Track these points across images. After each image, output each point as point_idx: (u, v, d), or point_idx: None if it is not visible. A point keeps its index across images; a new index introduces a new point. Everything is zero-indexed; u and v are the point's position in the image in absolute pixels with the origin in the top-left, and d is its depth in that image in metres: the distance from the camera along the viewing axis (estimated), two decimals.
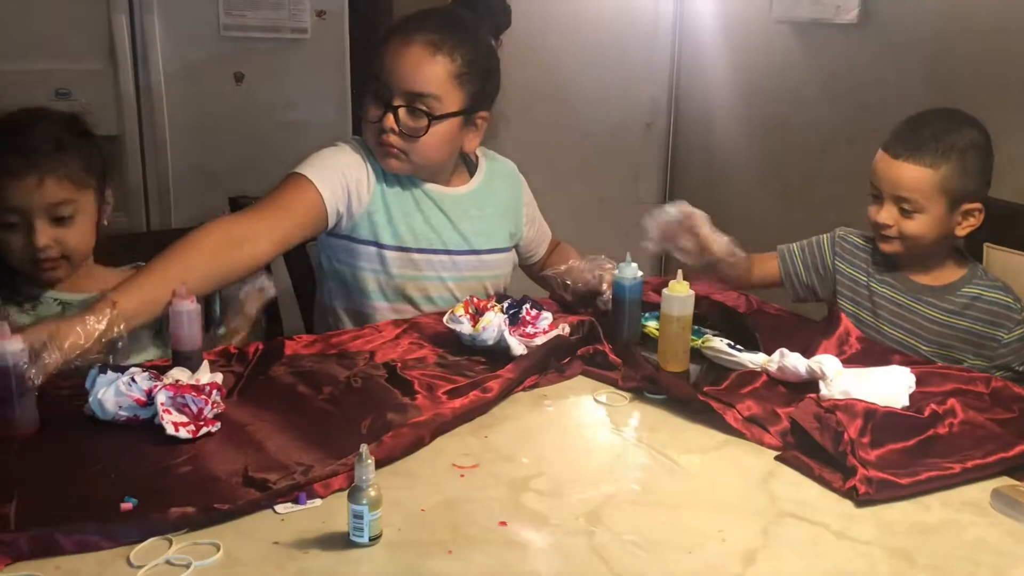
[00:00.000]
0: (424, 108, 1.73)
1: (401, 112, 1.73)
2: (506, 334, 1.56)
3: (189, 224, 1.78)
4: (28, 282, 1.62)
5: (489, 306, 1.60)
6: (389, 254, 1.79)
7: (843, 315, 1.69)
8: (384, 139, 1.75)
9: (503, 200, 1.95)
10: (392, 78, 1.74)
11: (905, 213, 1.73)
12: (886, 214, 1.75)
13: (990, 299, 1.75)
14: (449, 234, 1.84)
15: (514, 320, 1.61)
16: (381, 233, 1.79)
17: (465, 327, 1.58)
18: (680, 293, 1.52)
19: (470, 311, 1.60)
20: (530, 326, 1.61)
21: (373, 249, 1.79)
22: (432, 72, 1.73)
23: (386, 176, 1.81)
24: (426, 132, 1.74)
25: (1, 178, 1.56)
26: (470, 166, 1.93)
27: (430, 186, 1.84)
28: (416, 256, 1.81)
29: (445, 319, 1.62)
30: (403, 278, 1.82)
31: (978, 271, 1.80)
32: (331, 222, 1.75)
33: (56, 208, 1.57)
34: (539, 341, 1.57)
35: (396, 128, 1.74)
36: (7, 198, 1.56)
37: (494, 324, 1.56)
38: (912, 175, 1.71)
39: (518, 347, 1.56)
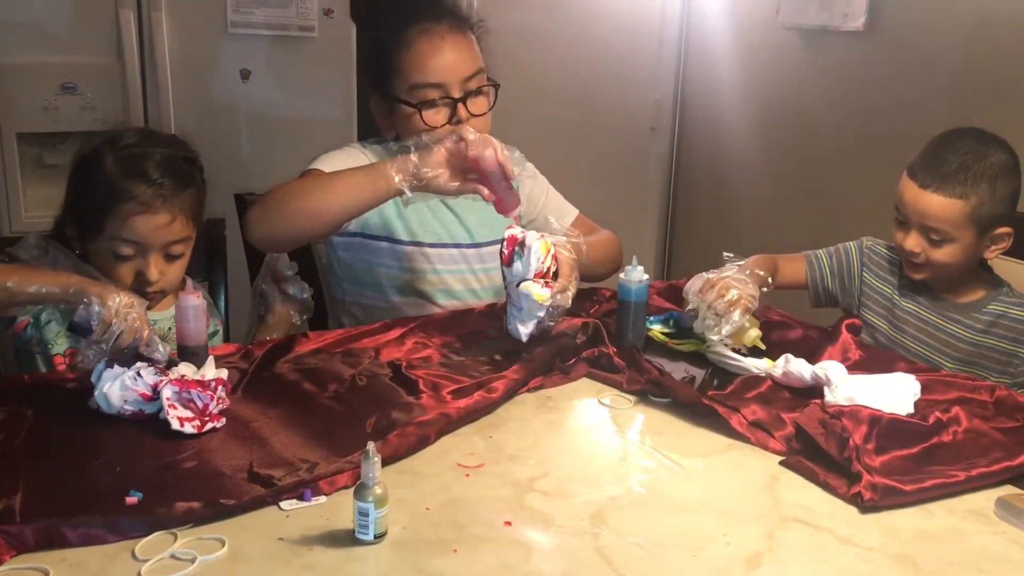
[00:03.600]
0: (483, 85, 1.78)
1: (468, 102, 1.77)
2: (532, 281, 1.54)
3: None
4: None
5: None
6: (403, 249, 1.80)
7: (845, 326, 1.67)
8: None
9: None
10: (445, 74, 1.75)
11: (934, 243, 1.69)
12: (913, 242, 1.71)
13: (1015, 316, 1.73)
14: (456, 228, 1.86)
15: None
16: (394, 228, 1.81)
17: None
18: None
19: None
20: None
21: (386, 245, 1.80)
22: (473, 49, 1.80)
23: None
24: (492, 105, 1.80)
25: (126, 206, 1.51)
26: None
27: None
28: (428, 251, 1.83)
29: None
30: (416, 272, 1.83)
31: (1003, 288, 1.77)
32: None
33: (173, 245, 1.56)
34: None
35: (470, 115, 1.77)
36: (132, 231, 1.52)
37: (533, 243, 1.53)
38: (941, 207, 1.66)
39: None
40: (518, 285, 1.53)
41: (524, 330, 1.56)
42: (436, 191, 1.54)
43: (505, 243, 1.55)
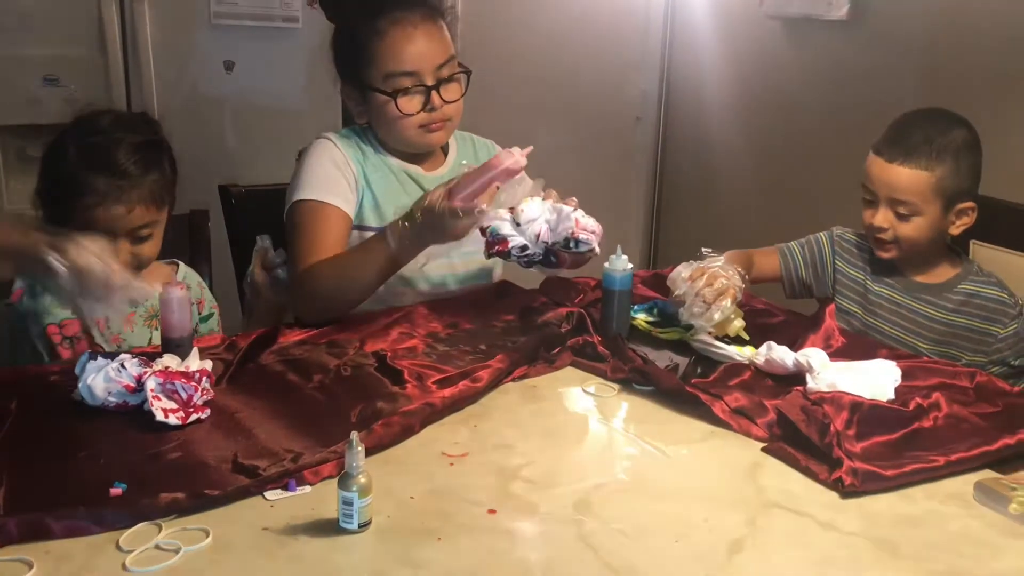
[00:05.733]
0: (455, 71, 1.81)
1: (441, 89, 1.78)
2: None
3: (179, 212, 1.78)
4: None
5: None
6: (371, 235, 1.80)
7: (829, 313, 1.69)
8: (436, 117, 1.80)
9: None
10: (418, 62, 1.76)
11: (901, 217, 1.73)
12: (881, 217, 1.75)
13: (986, 295, 1.76)
14: None
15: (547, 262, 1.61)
16: (366, 216, 1.81)
17: (504, 215, 1.55)
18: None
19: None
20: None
21: (356, 233, 1.80)
22: (445, 37, 1.82)
23: (365, 163, 1.83)
24: (464, 92, 1.82)
25: (86, 199, 1.52)
26: (444, 148, 1.94)
27: (411, 168, 1.87)
28: None
29: (484, 227, 1.58)
30: None
31: (972, 268, 1.81)
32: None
33: (139, 230, 1.57)
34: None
35: (444, 102, 1.79)
36: (92, 222, 1.53)
37: (535, 205, 1.54)
38: (908, 178, 1.71)
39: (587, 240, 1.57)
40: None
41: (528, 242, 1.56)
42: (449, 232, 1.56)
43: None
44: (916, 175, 1.71)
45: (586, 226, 1.57)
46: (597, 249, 1.60)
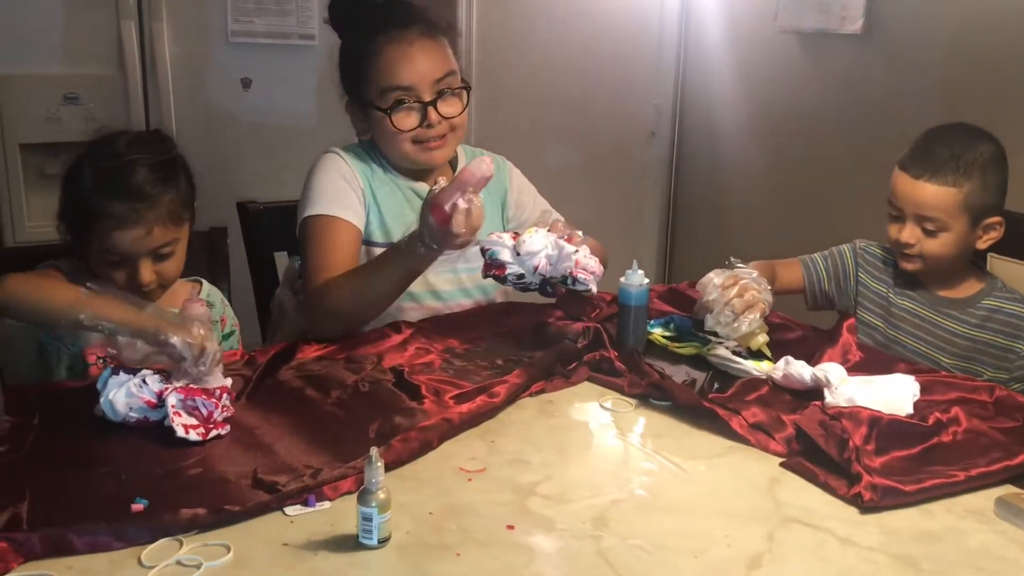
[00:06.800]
0: (455, 87, 1.81)
1: (439, 103, 1.79)
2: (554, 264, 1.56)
3: (198, 230, 1.79)
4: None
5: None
6: (378, 252, 1.81)
7: (846, 328, 1.69)
8: (433, 134, 1.80)
9: (488, 190, 1.95)
10: (413, 77, 1.77)
11: (928, 233, 1.73)
12: (908, 233, 1.74)
13: (1009, 311, 1.75)
14: None
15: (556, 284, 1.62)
16: (373, 232, 1.82)
17: (506, 242, 1.57)
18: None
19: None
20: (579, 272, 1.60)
21: (362, 249, 1.81)
22: (444, 52, 1.82)
23: (372, 178, 1.84)
24: (466, 106, 1.82)
25: (103, 223, 1.54)
26: (453, 163, 1.95)
27: (417, 184, 1.87)
28: None
29: (483, 246, 1.60)
30: None
31: (997, 284, 1.80)
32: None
33: (160, 249, 1.59)
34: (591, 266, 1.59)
35: (440, 118, 1.79)
36: (112, 245, 1.55)
37: (539, 239, 1.56)
38: (935, 195, 1.70)
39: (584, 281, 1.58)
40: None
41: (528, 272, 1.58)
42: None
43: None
44: (943, 192, 1.70)
45: (586, 266, 1.58)
46: (594, 290, 1.62)
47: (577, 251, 1.57)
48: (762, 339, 1.59)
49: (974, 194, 1.70)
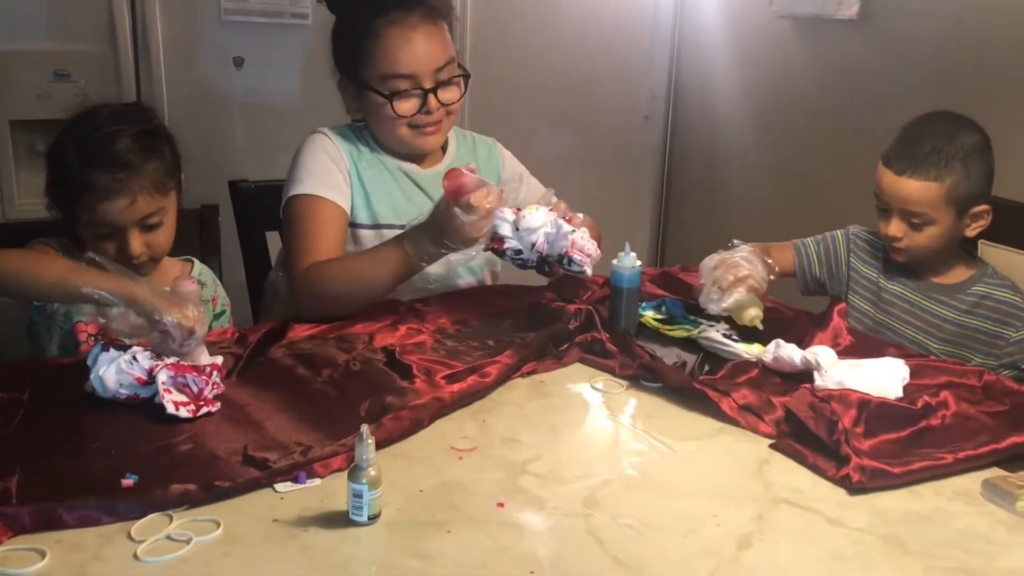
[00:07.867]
0: (455, 74, 1.80)
1: (439, 91, 1.78)
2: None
3: (188, 207, 1.79)
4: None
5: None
6: (362, 232, 1.80)
7: (837, 312, 1.69)
8: (430, 120, 1.79)
9: (481, 173, 1.95)
10: (416, 65, 1.76)
11: (915, 226, 1.73)
12: (895, 228, 1.74)
13: (999, 298, 1.76)
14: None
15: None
16: (357, 213, 1.81)
17: (507, 216, 1.56)
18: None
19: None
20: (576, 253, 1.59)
21: (359, 232, 1.80)
22: (445, 39, 1.80)
23: (360, 158, 1.83)
24: (463, 94, 1.81)
25: (88, 195, 1.54)
26: (443, 145, 1.94)
27: (407, 165, 1.87)
28: (399, 232, 1.82)
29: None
30: None
31: (987, 270, 1.80)
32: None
33: (147, 219, 1.58)
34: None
35: (440, 106, 1.79)
36: (98, 216, 1.55)
37: (539, 216, 1.55)
38: (918, 190, 1.70)
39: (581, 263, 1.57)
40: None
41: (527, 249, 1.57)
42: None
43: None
44: (926, 186, 1.69)
45: (583, 248, 1.58)
46: (589, 272, 1.61)
47: (575, 231, 1.57)
48: (753, 312, 1.60)
49: (957, 185, 1.69)
